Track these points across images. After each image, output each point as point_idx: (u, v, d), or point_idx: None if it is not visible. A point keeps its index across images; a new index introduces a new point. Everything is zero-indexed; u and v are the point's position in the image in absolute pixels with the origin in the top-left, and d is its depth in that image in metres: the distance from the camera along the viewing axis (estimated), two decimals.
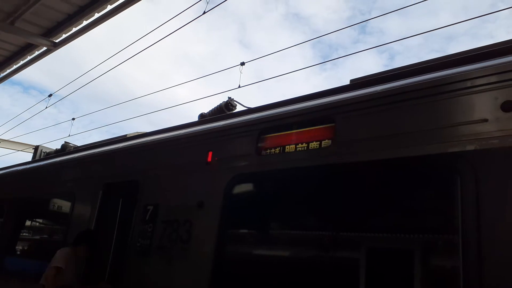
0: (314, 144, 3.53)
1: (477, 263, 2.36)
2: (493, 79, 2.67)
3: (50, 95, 12.57)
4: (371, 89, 3.38)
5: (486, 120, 2.59)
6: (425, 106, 2.92)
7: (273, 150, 3.85)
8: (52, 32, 9.99)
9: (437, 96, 2.88)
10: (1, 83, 13.64)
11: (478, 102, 2.69)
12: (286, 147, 3.75)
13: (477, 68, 2.80)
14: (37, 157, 9.63)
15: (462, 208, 2.51)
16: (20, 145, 19.86)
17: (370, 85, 3.49)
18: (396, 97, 3.11)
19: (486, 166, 2.51)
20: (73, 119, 12.22)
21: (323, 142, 3.47)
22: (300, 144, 3.64)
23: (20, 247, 7.61)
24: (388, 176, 3.13)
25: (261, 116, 4.18)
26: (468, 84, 2.75)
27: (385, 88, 3.25)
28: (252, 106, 5.06)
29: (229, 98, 5.66)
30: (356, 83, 3.80)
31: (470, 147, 2.60)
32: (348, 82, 4.12)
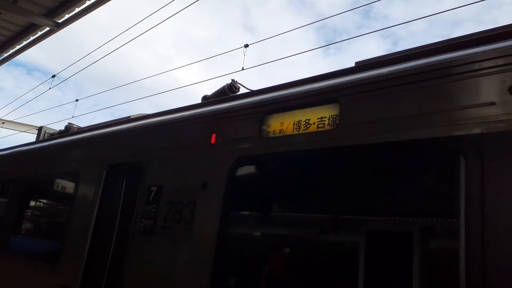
0: (318, 127, 3.52)
1: (481, 246, 2.36)
2: (501, 61, 2.63)
3: (53, 76, 12.56)
4: (376, 71, 3.34)
5: (493, 103, 2.56)
6: (431, 89, 2.89)
7: (276, 132, 3.84)
8: (55, 12, 9.94)
9: (444, 78, 2.85)
10: (4, 64, 13.61)
11: (485, 85, 2.65)
12: (290, 129, 3.74)
13: (485, 51, 2.75)
14: (41, 138, 9.66)
15: (467, 192, 2.50)
16: (24, 126, 19.96)
17: (375, 68, 3.45)
18: (402, 79, 3.08)
19: (493, 149, 2.49)
20: (77, 100, 12.24)
21: (327, 124, 3.45)
22: (304, 126, 3.63)
23: (25, 227, 7.70)
24: (394, 159, 3.12)
25: (265, 98, 4.15)
26: (476, 66, 2.71)
27: (391, 70, 3.21)
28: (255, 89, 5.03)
29: (233, 80, 5.63)
30: (362, 65, 3.76)
31: (477, 130, 2.58)
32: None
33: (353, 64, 4.09)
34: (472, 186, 2.49)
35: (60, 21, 10.24)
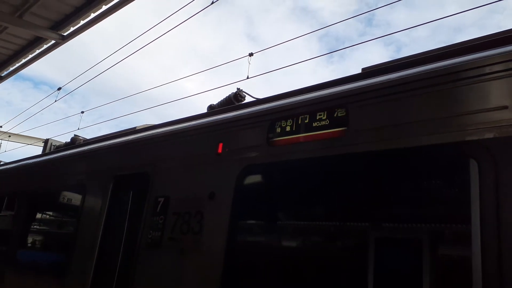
0: (325, 134, 3.48)
1: (497, 252, 2.31)
2: None
3: (59, 89, 12.65)
4: (384, 77, 3.31)
5: (506, 107, 2.52)
6: (442, 93, 2.86)
7: (283, 140, 3.81)
8: (60, 25, 10.05)
9: (455, 83, 2.81)
10: (11, 78, 13.74)
11: (497, 89, 2.61)
12: (297, 137, 3.71)
13: (496, 54, 2.72)
14: (47, 151, 9.69)
15: (481, 198, 2.45)
16: (30, 139, 20.10)
17: (383, 73, 3.42)
18: (411, 84, 3.04)
19: (506, 153, 2.44)
20: (82, 112, 12.31)
21: (335, 131, 3.42)
22: (311, 134, 3.60)
23: (32, 239, 7.69)
24: (404, 166, 3.07)
25: (272, 106, 4.13)
26: (487, 70, 2.68)
27: (400, 76, 3.18)
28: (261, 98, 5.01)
29: (238, 89, 5.62)
30: (369, 72, 3.73)
31: (490, 135, 2.53)
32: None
33: (357, 71, 4.07)
34: (486, 191, 2.44)
35: (65, 34, 10.34)
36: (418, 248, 2.71)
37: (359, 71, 4.04)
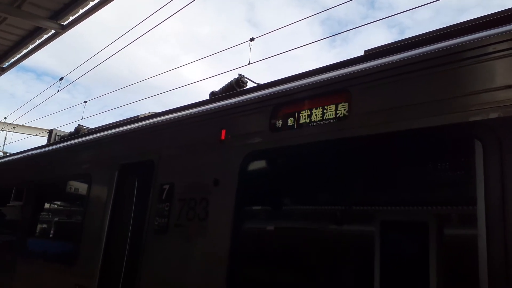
0: (329, 118, 3.47)
1: (503, 234, 2.31)
2: None
3: (61, 79, 12.65)
4: (387, 59, 3.28)
5: (510, 87, 2.50)
6: (445, 74, 2.83)
7: (286, 125, 3.80)
8: (59, 15, 9.98)
9: (458, 63, 2.78)
10: (14, 69, 13.74)
11: (501, 68, 2.58)
12: (300, 122, 3.70)
13: (499, 33, 2.68)
14: (51, 141, 9.73)
15: (486, 179, 2.44)
16: (34, 130, 20.21)
17: (385, 55, 3.38)
18: (414, 66, 3.01)
19: (511, 134, 2.43)
20: (85, 102, 12.32)
21: (338, 115, 3.40)
22: (314, 118, 3.59)
23: (42, 229, 7.80)
24: (408, 148, 3.06)
25: (274, 91, 4.11)
26: (490, 49, 2.64)
27: (402, 57, 3.15)
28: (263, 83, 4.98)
29: (240, 75, 5.59)
30: (371, 54, 3.69)
31: (494, 115, 2.51)
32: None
33: (361, 54, 4.03)
34: (491, 172, 2.43)
35: (65, 23, 10.28)
36: (424, 230, 2.72)
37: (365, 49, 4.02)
